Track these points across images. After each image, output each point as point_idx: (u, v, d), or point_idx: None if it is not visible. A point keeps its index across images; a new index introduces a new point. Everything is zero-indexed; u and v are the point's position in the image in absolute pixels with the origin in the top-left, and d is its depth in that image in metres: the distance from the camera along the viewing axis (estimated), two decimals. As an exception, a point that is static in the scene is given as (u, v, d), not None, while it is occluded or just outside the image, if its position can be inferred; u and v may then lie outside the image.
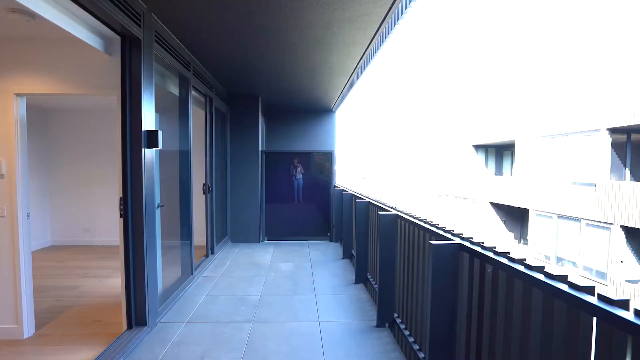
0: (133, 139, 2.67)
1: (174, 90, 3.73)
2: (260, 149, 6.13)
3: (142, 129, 2.68)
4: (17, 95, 2.66)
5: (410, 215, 2.62)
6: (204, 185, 4.83)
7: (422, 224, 2.17)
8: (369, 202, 3.87)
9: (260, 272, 4.40)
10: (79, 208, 5.66)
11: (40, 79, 2.69)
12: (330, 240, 6.37)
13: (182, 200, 3.95)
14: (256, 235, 6.13)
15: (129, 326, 2.70)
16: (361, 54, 4.01)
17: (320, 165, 6.66)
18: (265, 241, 6.28)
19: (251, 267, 4.64)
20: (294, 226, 6.46)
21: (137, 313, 2.73)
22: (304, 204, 6.56)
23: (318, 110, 7.62)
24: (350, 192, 5.21)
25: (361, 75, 5.06)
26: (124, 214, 2.66)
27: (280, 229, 6.42)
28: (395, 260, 2.81)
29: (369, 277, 3.81)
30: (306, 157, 6.56)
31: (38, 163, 5.41)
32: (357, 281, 4.00)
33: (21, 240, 2.71)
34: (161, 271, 3.37)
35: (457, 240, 1.68)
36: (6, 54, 2.68)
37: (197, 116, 4.76)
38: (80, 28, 2.38)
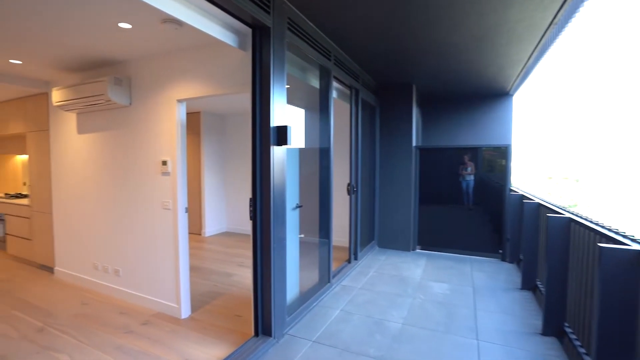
0: (262, 136, 2.50)
1: (314, 82, 3.49)
2: (413, 144, 5.35)
3: (271, 125, 2.47)
4: (178, 101, 2.93)
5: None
6: (348, 185, 4.50)
7: None
8: (571, 220, 2.56)
9: (407, 291, 3.69)
10: (244, 200, 6.41)
11: (192, 84, 2.89)
12: (502, 260, 4.96)
13: (321, 201, 3.71)
14: (406, 243, 5.41)
15: (256, 333, 2.56)
16: (562, 0, 2.70)
17: (490, 162, 5.29)
18: (417, 250, 5.47)
19: (396, 282, 3.99)
20: (453, 236, 5.37)
21: (263, 321, 2.57)
22: (468, 209, 5.36)
23: (489, 95, 6.17)
24: (536, 200, 3.79)
25: (558, 35, 3.56)
26: (253, 216, 2.53)
27: (436, 237, 5.45)
28: (634, 325, 1.60)
29: (568, 329, 2.53)
30: (472, 154, 5.32)
31: (217, 161, 6.44)
32: (545, 331, 2.75)
33: (180, 230, 2.99)
34: (298, 277, 3.19)
35: None
36: (167, 66, 3.01)
37: (343, 110, 4.47)
38: (216, 27, 2.34)
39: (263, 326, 2.57)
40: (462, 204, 5.37)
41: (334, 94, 3.98)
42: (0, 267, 4.47)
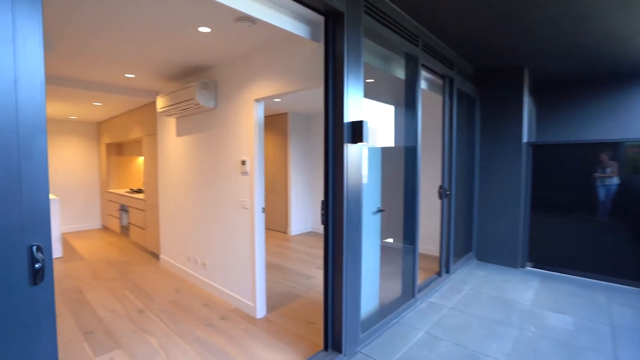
0: (335, 133, 2.28)
1: (399, 73, 3.12)
2: (524, 140, 4.46)
3: (344, 121, 2.23)
4: (256, 100, 2.93)
5: None
6: (440, 187, 3.96)
7: None
8: None
9: (511, 319, 3.02)
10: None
11: (267, 83, 2.84)
12: (655, 291, 3.73)
13: (407, 204, 3.31)
14: (513, 257, 4.54)
15: (325, 347, 2.36)
16: None
17: (636, 162, 4.05)
18: (527, 268, 4.54)
19: (498, 305, 3.32)
20: (580, 253, 4.27)
21: (334, 336, 2.35)
22: (604, 221, 4.20)
23: (633, 74, 4.77)
24: None
25: None
26: (324, 220, 2.32)
27: (555, 253, 4.43)
28: None
29: None
30: (608, 151, 4.15)
31: (303, 161, 6.49)
32: None
33: (257, 230, 2.99)
34: (377, 289, 2.90)
35: None
36: (244, 67, 3.03)
37: (435, 103, 3.97)
38: (287, 19, 2.22)
39: (333, 341, 2.35)
40: (593, 213, 4.24)
41: (423, 85, 3.52)
42: (123, 250, 5.31)
